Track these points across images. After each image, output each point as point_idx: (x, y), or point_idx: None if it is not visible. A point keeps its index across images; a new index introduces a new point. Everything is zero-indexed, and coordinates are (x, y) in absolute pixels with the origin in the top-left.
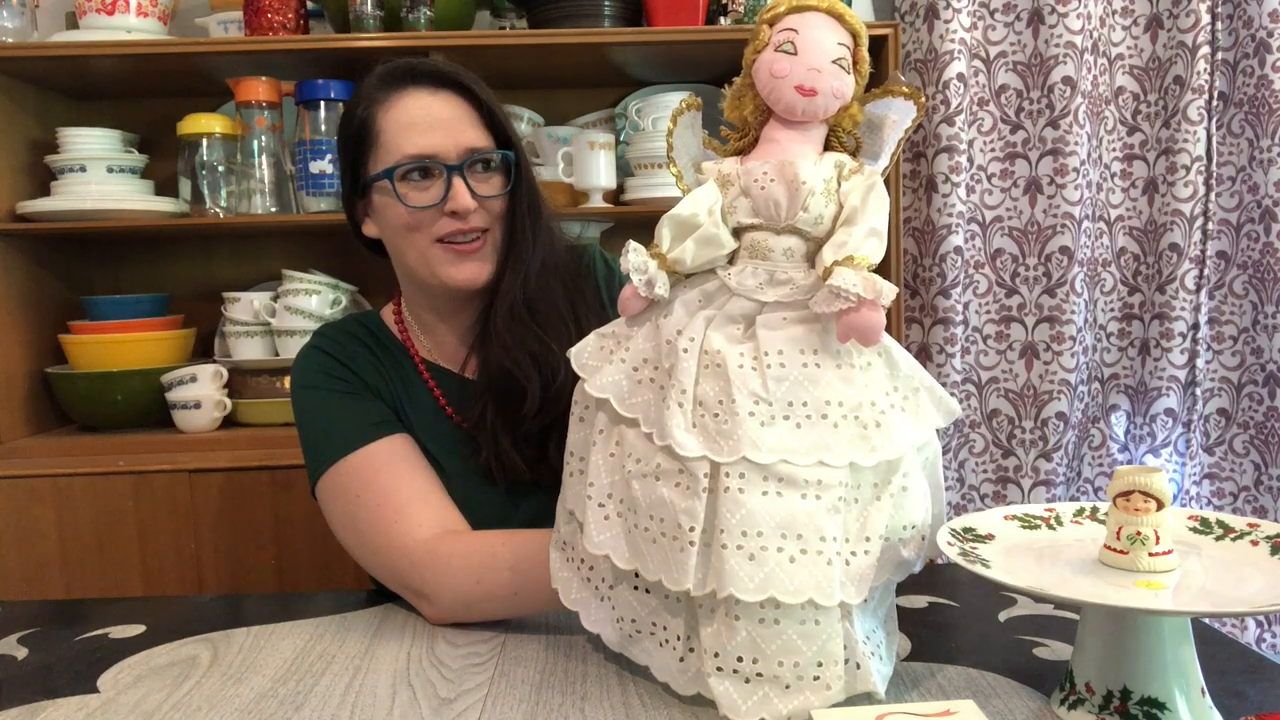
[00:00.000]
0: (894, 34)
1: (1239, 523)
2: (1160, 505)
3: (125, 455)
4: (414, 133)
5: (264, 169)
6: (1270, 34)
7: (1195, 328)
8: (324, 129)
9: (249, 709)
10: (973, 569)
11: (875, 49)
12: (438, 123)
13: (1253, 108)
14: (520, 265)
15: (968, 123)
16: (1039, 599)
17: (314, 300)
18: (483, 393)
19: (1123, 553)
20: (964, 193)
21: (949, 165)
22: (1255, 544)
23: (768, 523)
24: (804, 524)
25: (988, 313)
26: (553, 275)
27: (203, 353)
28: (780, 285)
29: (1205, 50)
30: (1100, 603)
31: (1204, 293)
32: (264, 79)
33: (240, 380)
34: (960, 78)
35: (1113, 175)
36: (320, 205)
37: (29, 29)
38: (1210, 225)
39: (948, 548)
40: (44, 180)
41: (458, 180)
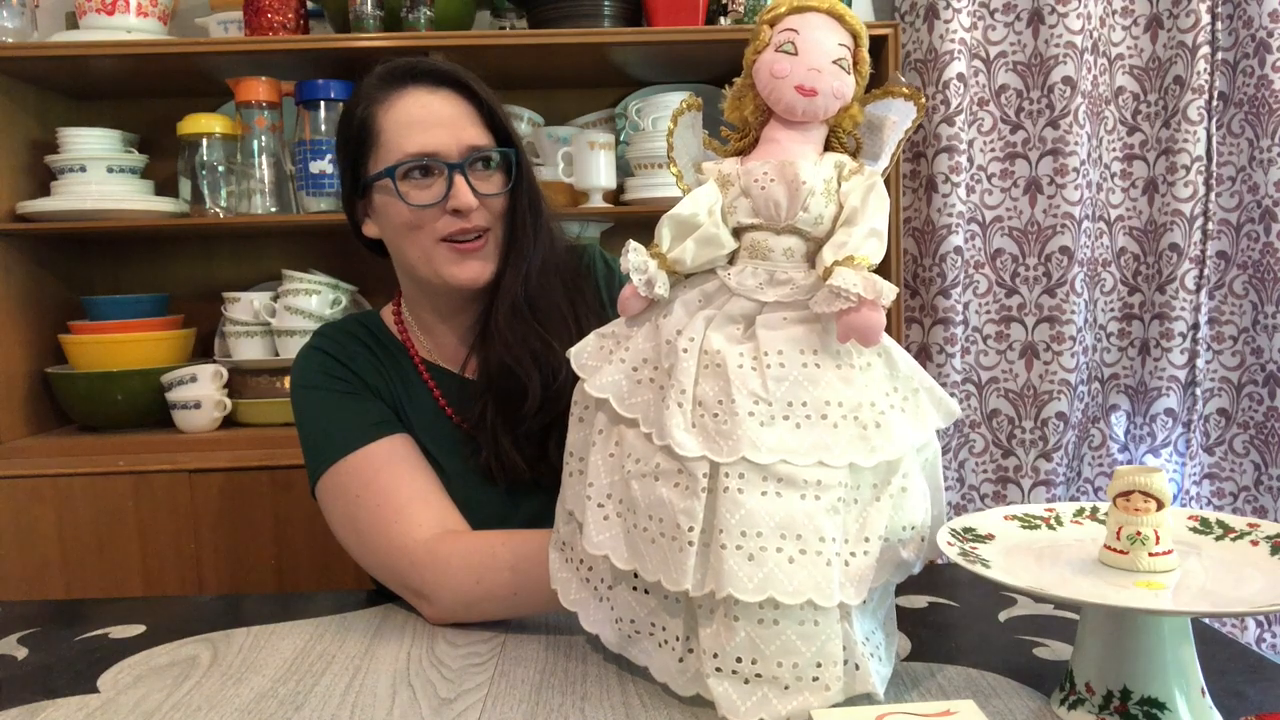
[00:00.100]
0: (894, 34)
1: (1239, 523)
2: (1160, 505)
3: (125, 455)
4: (415, 131)
5: (264, 169)
6: (1270, 34)
7: (1195, 328)
8: (324, 129)
9: (249, 709)
10: (973, 569)
11: (875, 49)
12: (438, 121)
13: (1253, 108)
14: (521, 263)
15: (968, 123)
16: (1039, 599)
17: (314, 300)
18: (483, 391)
19: (1123, 553)
20: (964, 193)
21: (949, 165)
22: (1255, 544)
23: (767, 523)
24: (803, 524)
25: (988, 313)
26: (553, 274)
27: (203, 353)
28: (780, 285)
29: (1205, 50)
30: (1100, 603)
31: (1204, 293)
32: (264, 79)
33: (240, 380)
34: (960, 78)
35: (1113, 175)
36: (320, 205)
37: (29, 29)
38: (1210, 225)
39: (948, 548)
40: (44, 180)
41: (459, 178)
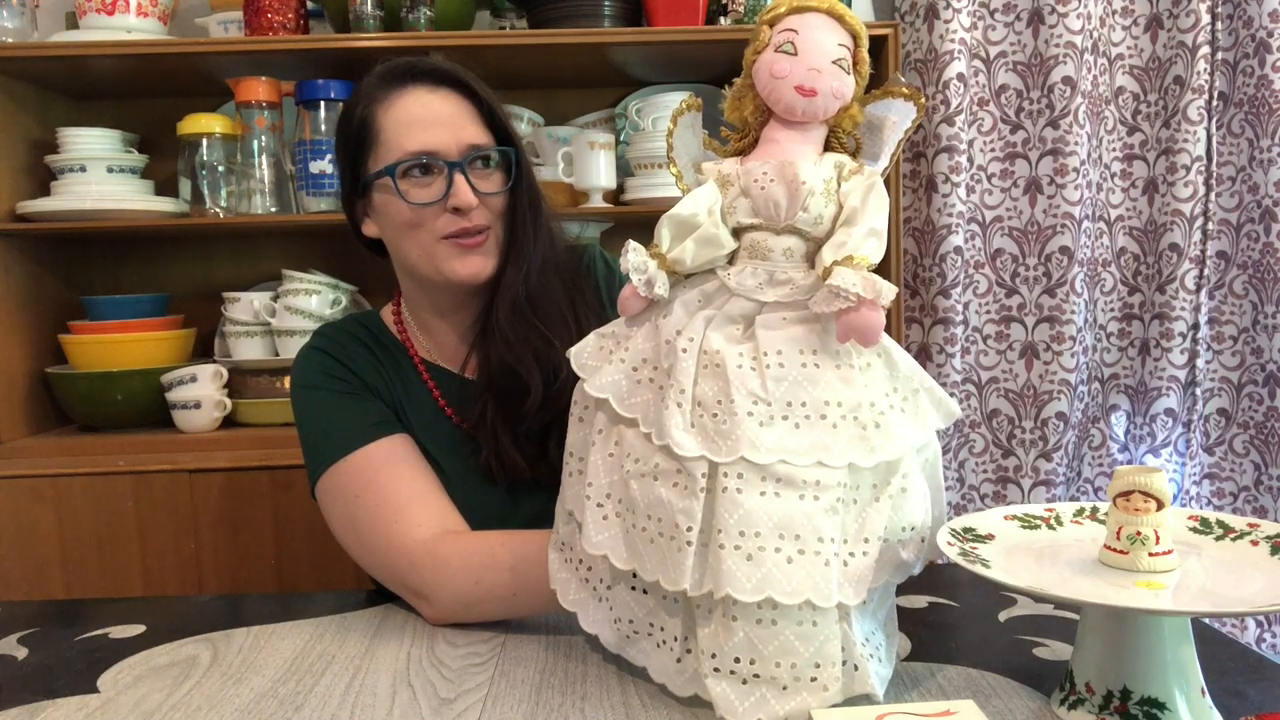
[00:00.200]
0: (894, 34)
1: (1239, 523)
2: (1160, 505)
3: (125, 455)
4: (415, 130)
5: (264, 169)
6: (1270, 34)
7: (1195, 328)
8: (324, 129)
9: (249, 709)
10: (973, 569)
11: (875, 49)
12: (438, 120)
13: (1253, 108)
14: (522, 261)
15: (968, 123)
16: (1039, 599)
17: (314, 300)
18: (483, 390)
19: (1123, 553)
20: (964, 193)
21: (949, 165)
22: (1255, 544)
23: (765, 523)
24: (802, 524)
25: (988, 313)
26: (553, 273)
27: (203, 353)
28: (780, 285)
29: (1205, 50)
30: (1100, 603)
31: (1204, 293)
32: (264, 79)
33: (240, 380)
34: (960, 78)
35: (1113, 175)
36: (320, 205)
37: (29, 29)
38: (1210, 225)
39: (948, 548)
40: (44, 180)
41: (459, 177)
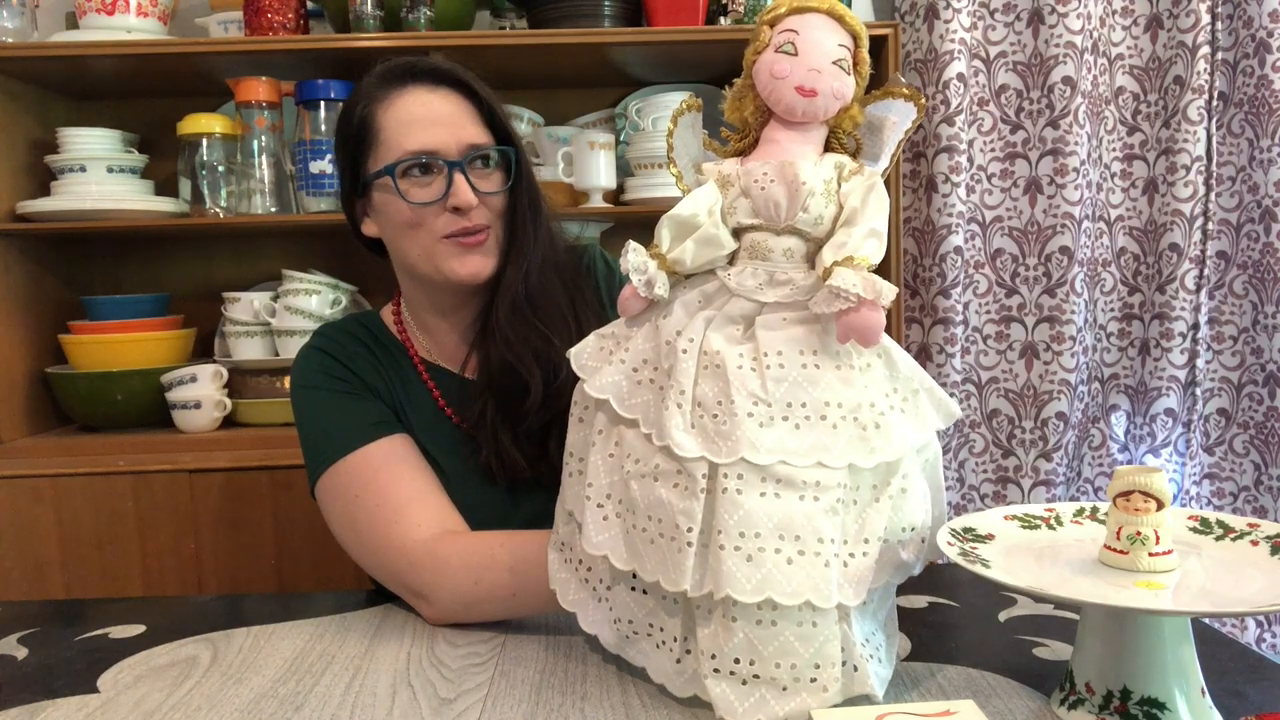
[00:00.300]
0: (894, 34)
1: (1239, 523)
2: (1160, 505)
3: (125, 455)
4: (415, 129)
5: (264, 169)
6: (1270, 34)
7: (1195, 328)
8: (324, 129)
9: (249, 709)
10: (973, 569)
11: (875, 49)
12: (438, 119)
13: (1253, 108)
14: (522, 261)
15: (968, 123)
16: (1039, 599)
17: (314, 300)
18: (483, 389)
19: (1123, 553)
20: (964, 193)
21: (949, 165)
22: (1255, 544)
23: (765, 524)
24: (802, 525)
25: (988, 313)
26: (553, 272)
27: (203, 353)
28: (780, 286)
29: (1205, 50)
30: (1100, 603)
31: (1204, 293)
32: (264, 79)
33: (240, 380)
34: (960, 78)
35: (1113, 175)
36: (320, 205)
37: (29, 29)
38: (1210, 225)
39: (948, 548)
40: (44, 180)
41: (459, 176)
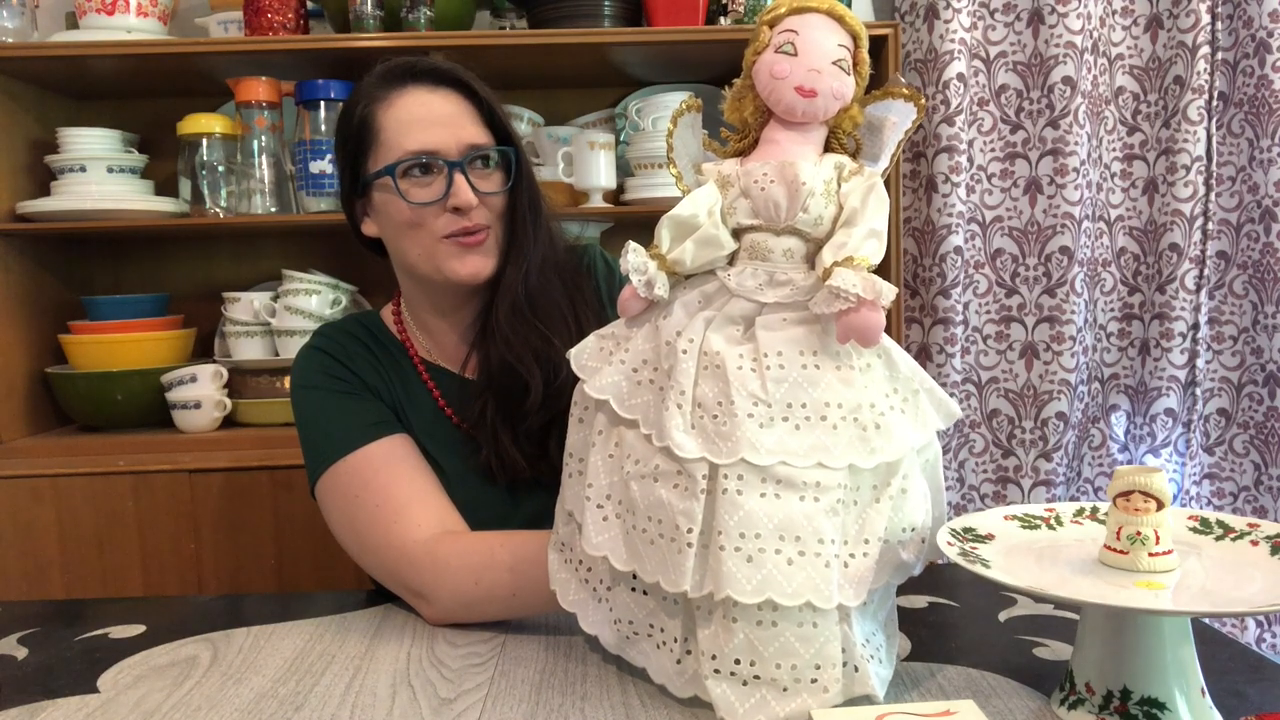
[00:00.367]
0: (894, 34)
1: (1239, 523)
2: (1160, 505)
3: (125, 455)
4: (415, 129)
5: (264, 169)
6: (1270, 34)
7: (1195, 328)
8: (324, 129)
9: (249, 709)
10: (973, 569)
11: (875, 49)
12: (438, 119)
13: (1253, 108)
14: (522, 261)
15: (968, 123)
16: (1039, 599)
17: (314, 300)
18: (483, 389)
19: (1123, 553)
20: (964, 193)
21: (949, 165)
22: (1255, 544)
23: (766, 524)
24: (802, 526)
25: (988, 313)
26: (553, 272)
27: (203, 353)
28: (780, 286)
29: (1205, 50)
30: (1100, 603)
31: (1204, 293)
32: (264, 79)
33: (240, 380)
34: (960, 78)
35: (1113, 175)
36: (320, 205)
37: (29, 29)
38: (1210, 225)
39: (948, 548)
40: (44, 180)
41: (459, 176)
